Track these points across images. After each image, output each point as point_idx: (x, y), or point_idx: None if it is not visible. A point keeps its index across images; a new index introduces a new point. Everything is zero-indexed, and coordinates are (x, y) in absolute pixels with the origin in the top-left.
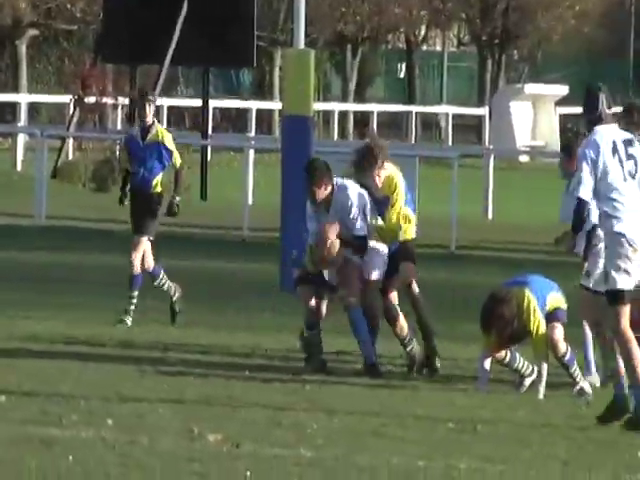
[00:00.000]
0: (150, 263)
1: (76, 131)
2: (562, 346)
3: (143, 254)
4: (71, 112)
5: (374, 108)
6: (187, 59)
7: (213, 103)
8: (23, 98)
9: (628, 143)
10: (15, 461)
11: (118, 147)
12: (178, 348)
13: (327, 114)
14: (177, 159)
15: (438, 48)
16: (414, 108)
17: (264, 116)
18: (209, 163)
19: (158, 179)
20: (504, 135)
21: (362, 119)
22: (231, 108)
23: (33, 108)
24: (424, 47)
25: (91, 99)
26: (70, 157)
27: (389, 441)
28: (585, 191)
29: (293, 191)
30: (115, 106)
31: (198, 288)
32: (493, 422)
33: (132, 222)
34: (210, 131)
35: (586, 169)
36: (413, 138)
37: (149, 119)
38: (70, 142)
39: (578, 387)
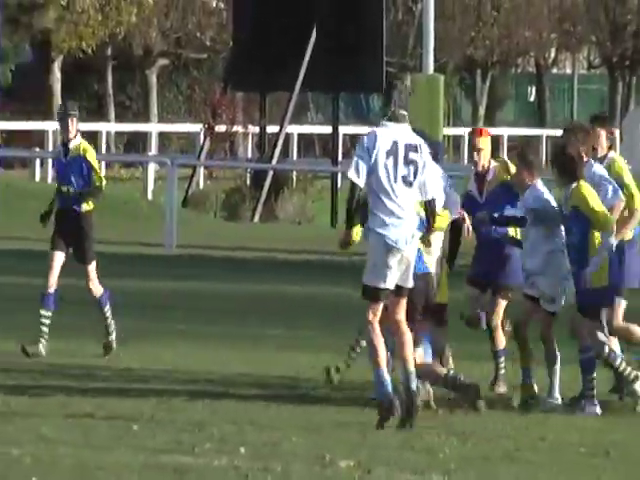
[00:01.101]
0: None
1: (207, 160)
2: None
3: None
4: (202, 141)
5: (504, 132)
6: (317, 85)
7: (343, 129)
8: (154, 127)
9: (412, 148)
10: None
11: (249, 175)
12: (308, 375)
13: (457, 139)
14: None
15: (568, 71)
16: (545, 131)
17: None
18: (339, 189)
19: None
20: (636, 156)
21: (492, 143)
22: (361, 134)
23: (163, 137)
24: (554, 70)
25: (221, 127)
26: (201, 186)
27: (521, 466)
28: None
29: None
30: (245, 134)
31: (328, 314)
32: (625, 446)
33: None
34: (340, 157)
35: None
36: (543, 161)
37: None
38: (201, 171)
39: None
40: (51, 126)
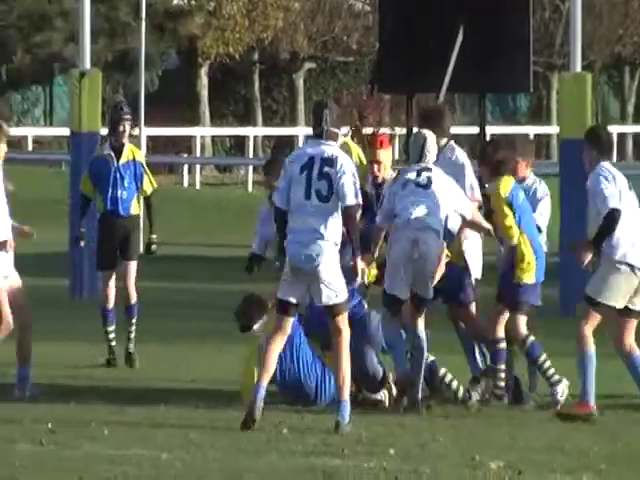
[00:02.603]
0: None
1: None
2: None
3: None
4: None
5: None
6: (463, 86)
7: (490, 129)
8: (300, 131)
9: (327, 162)
10: None
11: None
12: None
13: (623, 137)
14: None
15: None
16: None
17: (542, 141)
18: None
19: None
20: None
21: None
22: (508, 134)
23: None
24: None
25: (368, 130)
26: None
27: None
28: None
29: (571, 214)
30: (392, 136)
31: None
32: None
33: None
34: None
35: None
36: None
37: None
38: None
39: None
40: (199, 132)
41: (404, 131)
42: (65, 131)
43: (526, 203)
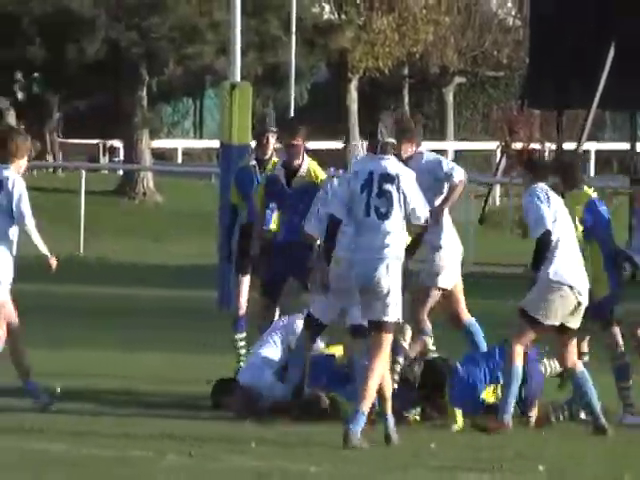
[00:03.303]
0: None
1: (503, 177)
2: None
3: None
4: (498, 159)
5: None
6: (614, 103)
7: None
8: (450, 145)
9: (386, 178)
10: None
11: None
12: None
13: None
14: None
15: None
16: None
17: None
18: None
19: None
20: None
21: None
22: None
23: (459, 155)
24: None
25: (518, 145)
26: (497, 203)
27: None
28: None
29: None
30: (542, 152)
31: None
32: None
33: None
34: None
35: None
36: None
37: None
38: (497, 188)
39: None
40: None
41: (554, 147)
42: (215, 143)
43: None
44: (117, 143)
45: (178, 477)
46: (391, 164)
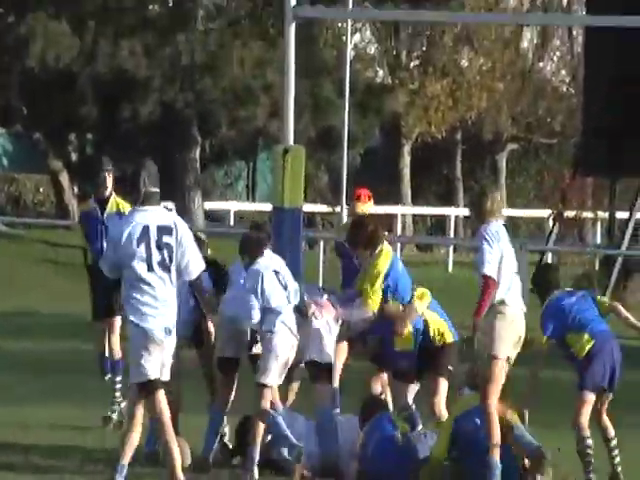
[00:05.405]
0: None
1: (555, 245)
2: None
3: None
4: (550, 226)
5: None
6: None
7: None
8: (503, 212)
9: (165, 230)
10: None
11: (597, 261)
12: None
13: None
14: None
15: None
16: None
17: None
18: None
19: None
20: None
21: None
22: None
23: (513, 221)
24: None
25: (570, 213)
26: None
27: None
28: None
29: None
30: (594, 220)
31: None
32: None
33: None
34: None
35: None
36: None
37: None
38: (549, 256)
39: None
40: (401, 210)
41: (606, 215)
42: (267, 206)
43: None
44: (170, 205)
45: None
46: None
